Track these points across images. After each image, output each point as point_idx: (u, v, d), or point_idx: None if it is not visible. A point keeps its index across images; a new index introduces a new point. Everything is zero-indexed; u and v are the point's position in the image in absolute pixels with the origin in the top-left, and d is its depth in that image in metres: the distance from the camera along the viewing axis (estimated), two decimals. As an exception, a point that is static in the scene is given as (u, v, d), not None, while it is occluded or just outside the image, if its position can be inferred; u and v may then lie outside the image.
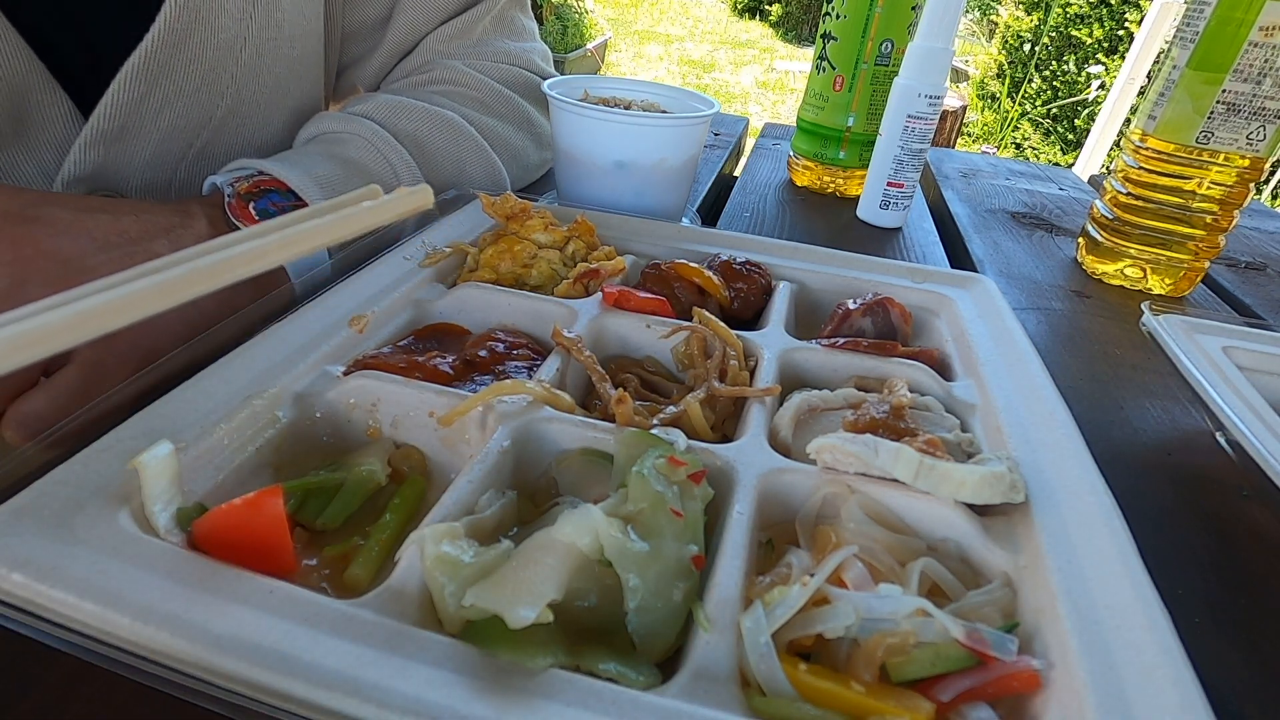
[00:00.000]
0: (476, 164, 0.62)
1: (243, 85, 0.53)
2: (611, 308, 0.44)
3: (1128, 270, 0.65)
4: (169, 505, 0.26)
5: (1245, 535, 0.38)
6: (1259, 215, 0.94)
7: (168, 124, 0.50)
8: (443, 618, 0.24)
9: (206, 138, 0.53)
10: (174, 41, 0.47)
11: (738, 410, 0.37)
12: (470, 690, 0.21)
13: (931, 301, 0.49)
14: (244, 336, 0.36)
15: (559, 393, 0.34)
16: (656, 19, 7.72)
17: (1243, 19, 0.54)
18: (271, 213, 0.47)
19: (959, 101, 3.66)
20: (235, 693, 0.20)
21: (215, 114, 0.52)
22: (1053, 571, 0.26)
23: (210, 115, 0.52)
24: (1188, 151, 0.58)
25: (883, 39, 0.74)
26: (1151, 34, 2.93)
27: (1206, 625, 0.32)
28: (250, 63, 0.52)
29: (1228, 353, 0.43)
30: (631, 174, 0.61)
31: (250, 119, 0.56)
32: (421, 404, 0.34)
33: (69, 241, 0.37)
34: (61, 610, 0.22)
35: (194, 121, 0.51)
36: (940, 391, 0.39)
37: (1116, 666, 0.23)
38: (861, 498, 0.30)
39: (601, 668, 0.23)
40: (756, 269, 0.49)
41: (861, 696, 0.23)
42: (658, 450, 0.30)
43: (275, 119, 0.58)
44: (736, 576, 0.26)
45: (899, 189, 0.73)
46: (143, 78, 0.47)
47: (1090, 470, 0.32)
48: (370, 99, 0.59)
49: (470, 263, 0.48)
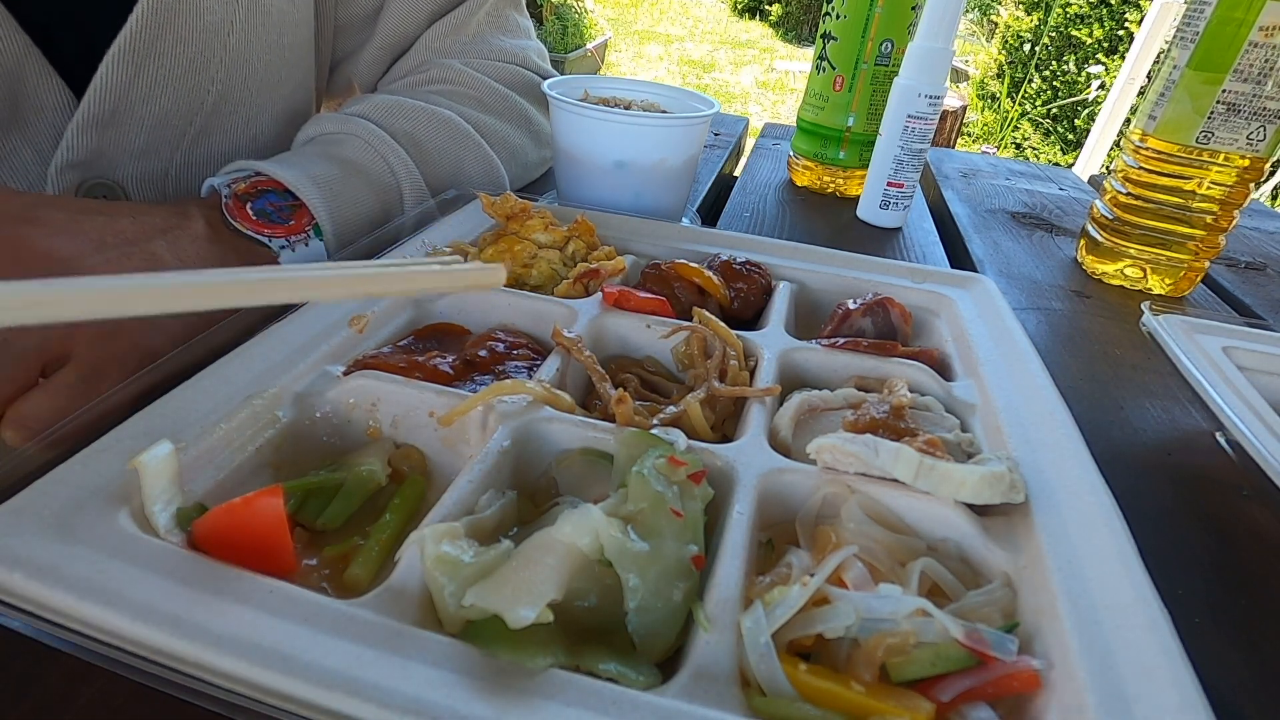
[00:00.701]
0: (475, 163, 0.62)
1: (232, 71, 0.53)
2: (611, 308, 0.44)
3: (1128, 270, 0.65)
4: (169, 505, 0.26)
5: (1245, 535, 0.38)
6: (1259, 215, 0.94)
7: (159, 109, 0.50)
8: (443, 618, 0.24)
9: (200, 125, 0.53)
10: (159, 22, 0.47)
11: (738, 410, 0.37)
12: (470, 690, 0.21)
13: (931, 301, 0.49)
14: (244, 336, 0.36)
15: (559, 393, 0.34)
16: (656, 19, 7.71)
17: (1243, 19, 0.54)
18: (269, 213, 0.47)
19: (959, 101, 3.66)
20: (235, 693, 0.20)
21: (206, 100, 0.53)
22: (1053, 571, 0.26)
23: (201, 101, 0.52)
24: (1188, 151, 0.58)
25: (883, 39, 0.74)
26: (1151, 34, 2.93)
27: (1206, 625, 0.32)
28: (238, 48, 0.53)
29: (1228, 353, 0.43)
30: (631, 174, 0.61)
31: (242, 106, 0.56)
32: (421, 404, 0.34)
33: (65, 242, 0.36)
34: (61, 610, 0.22)
35: (185, 107, 0.52)
36: (940, 391, 0.39)
37: (1116, 666, 0.23)
38: (861, 498, 0.30)
39: (601, 668, 0.23)
40: (756, 269, 0.49)
41: (861, 696, 0.23)
42: (658, 450, 0.30)
43: (267, 108, 0.58)
44: (736, 576, 0.26)
45: (899, 189, 0.73)
46: (130, 60, 0.47)
47: (1090, 470, 0.32)
48: (367, 99, 0.59)
49: (470, 263, 0.48)
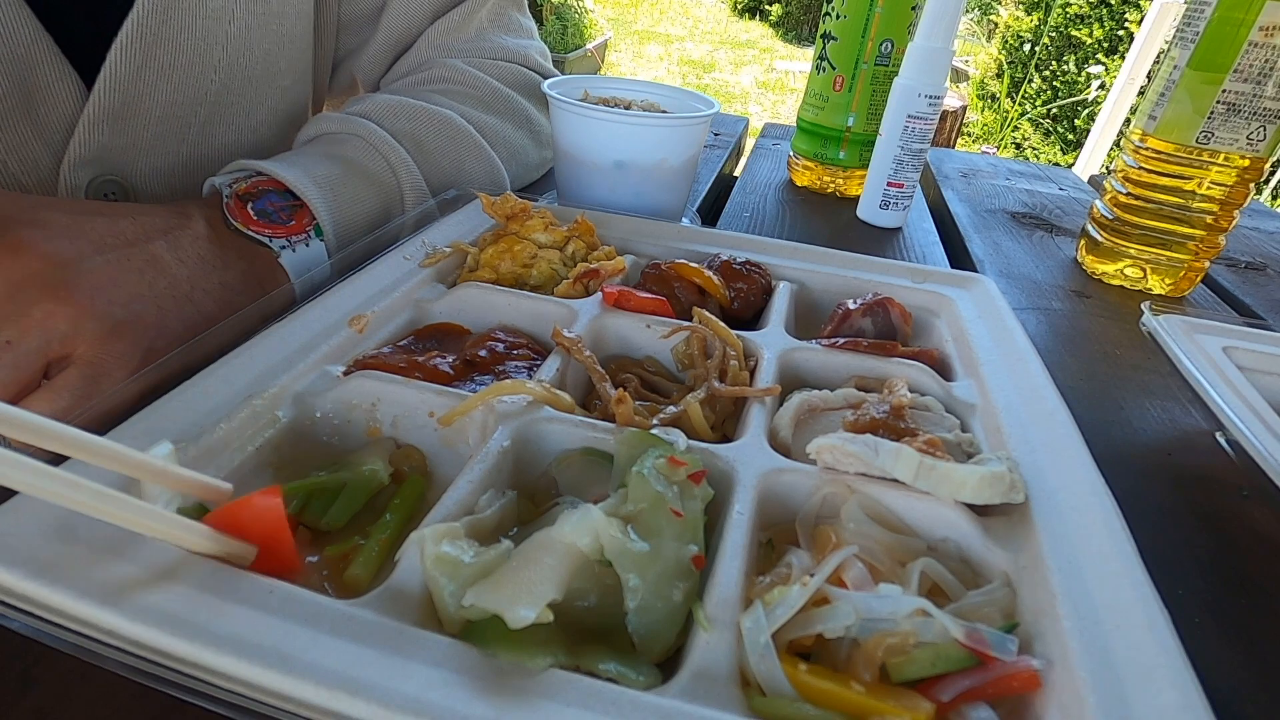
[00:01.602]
0: (475, 163, 0.62)
1: (234, 59, 0.54)
2: (611, 308, 0.44)
3: (1128, 270, 0.65)
4: (169, 505, 0.26)
5: (1245, 535, 0.38)
6: (1259, 215, 0.94)
7: (166, 99, 0.51)
8: (443, 618, 0.24)
9: (204, 115, 0.54)
10: (164, 8, 0.47)
11: (738, 410, 0.37)
12: (470, 690, 0.21)
13: (931, 301, 0.49)
14: (244, 336, 0.36)
15: (559, 393, 0.34)
16: (656, 19, 7.71)
17: (1243, 19, 0.54)
18: (269, 213, 0.47)
19: (959, 101, 3.66)
20: (235, 693, 0.20)
21: (210, 89, 0.53)
22: (1053, 571, 0.26)
23: (205, 90, 0.53)
24: (1188, 151, 0.58)
25: (883, 39, 0.74)
26: (1151, 34, 2.93)
27: (1206, 625, 0.32)
28: (240, 36, 0.53)
29: (1228, 353, 0.43)
30: (631, 174, 0.61)
31: (244, 96, 0.56)
32: (421, 404, 0.34)
33: (67, 244, 0.36)
34: (61, 610, 0.22)
35: (190, 97, 0.52)
36: (940, 391, 0.39)
37: (1116, 666, 0.23)
38: (861, 498, 0.30)
39: (601, 668, 0.23)
40: (756, 269, 0.49)
41: (861, 696, 0.23)
42: (658, 450, 0.30)
43: (266, 101, 0.59)
44: (736, 576, 0.26)
45: (899, 189, 0.73)
46: (139, 47, 0.47)
47: (1090, 470, 0.32)
48: (369, 99, 0.59)
49: (470, 263, 0.48)
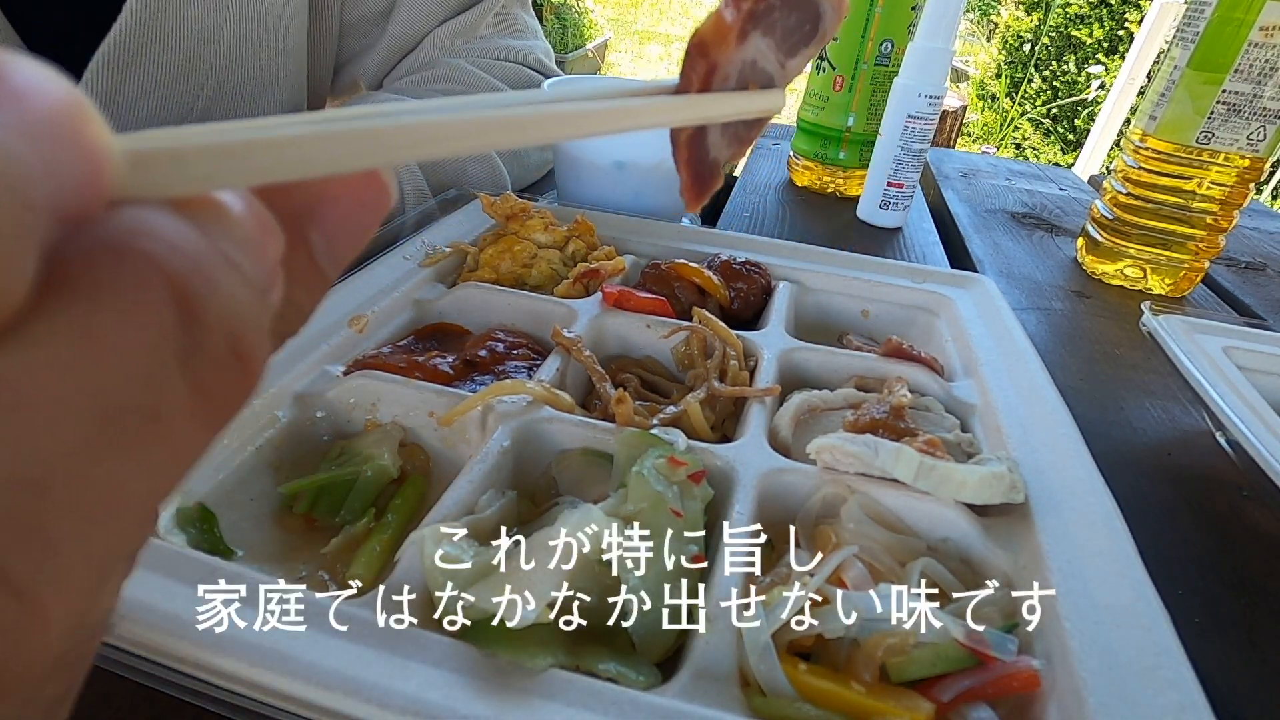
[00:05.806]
0: (477, 163, 0.62)
1: (223, 76, 0.53)
2: (611, 308, 0.44)
3: (1128, 270, 0.65)
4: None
5: (1245, 535, 0.38)
6: (1259, 215, 0.94)
7: (145, 115, 0.50)
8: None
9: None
10: (142, 32, 0.47)
11: (738, 410, 0.37)
12: (470, 690, 0.21)
13: (931, 301, 0.49)
14: (244, 336, 0.36)
15: (559, 393, 0.34)
16: (656, 19, 7.71)
17: (1243, 19, 0.54)
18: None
19: (959, 101, 3.66)
20: (235, 693, 0.20)
21: (195, 105, 0.52)
22: (1053, 571, 0.26)
23: (191, 106, 0.52)
24: (1188, 152, 0.58)
25: (883, 39, 0.74)
26: (1151, 34, 2.93)
27: (1206, 625, 0.32)
28: (229, 54, 0.52)
29: (1228, 353, 0.43)
30: (631, 174, 0.61)
31: (234, 110, 0.56)
32: (421, 404, 0.34)
33: None
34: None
35: (173, 113, 0.52)
36: (940, 392, 0.39)
37: (1116, 666, 0.23)
38: (861, 498, 0.30)
39: (601, 668, 0.23)
40: (756, 269, 0.49)
41: (861, 696, 0.23)
42: (658, 450, 0.30)
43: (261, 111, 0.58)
44: (736, 577, 0.26)
45: (899, 189, 0.73)
46: (114, 68, 0.47)
47: (1090, 470, 0.32)
48: (370, 98, 0.59)
49: (470, 263, 0.48)
